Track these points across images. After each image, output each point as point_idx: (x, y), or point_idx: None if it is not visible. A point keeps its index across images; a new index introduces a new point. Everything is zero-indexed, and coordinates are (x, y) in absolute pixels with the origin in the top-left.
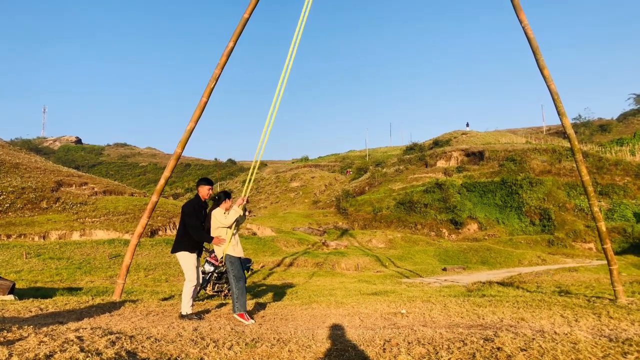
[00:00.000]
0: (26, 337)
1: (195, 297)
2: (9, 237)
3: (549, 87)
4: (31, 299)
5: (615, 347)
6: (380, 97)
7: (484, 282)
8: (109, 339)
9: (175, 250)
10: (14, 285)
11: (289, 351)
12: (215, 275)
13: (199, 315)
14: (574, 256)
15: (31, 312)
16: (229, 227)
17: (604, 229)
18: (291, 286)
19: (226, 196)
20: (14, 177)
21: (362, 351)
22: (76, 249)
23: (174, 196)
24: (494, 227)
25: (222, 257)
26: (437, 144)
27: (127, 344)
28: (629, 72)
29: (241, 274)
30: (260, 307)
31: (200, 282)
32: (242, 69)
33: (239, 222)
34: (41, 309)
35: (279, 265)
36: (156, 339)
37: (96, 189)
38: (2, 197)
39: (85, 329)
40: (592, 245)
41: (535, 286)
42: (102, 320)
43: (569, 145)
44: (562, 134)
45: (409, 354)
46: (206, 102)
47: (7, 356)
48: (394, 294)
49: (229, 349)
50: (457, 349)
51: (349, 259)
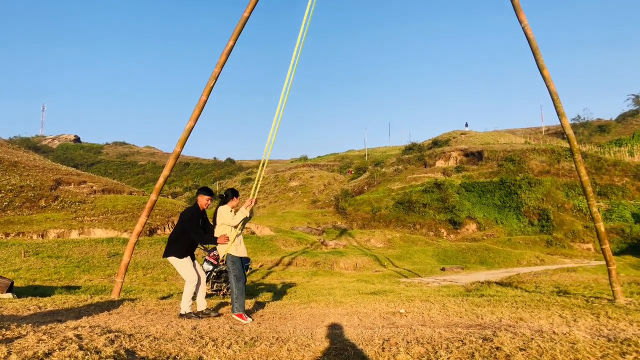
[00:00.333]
0: (25, 335)
1: (197, 292)
2: (7, 235)
3: (548, 87)
4: (30, 297)
5: (613, 347)
6: (379, 97)
7: (482, 282)
8: (108, 337)
9: (167, 254)
10: (13, 283)
11: (288, 350)
12: (214, 274)
13: (198, 314)
14: (572, 256)
15: (30, 310)
16: (234, 227)
17: (602, 229)
18: (290, 285)
19: (234, 194)
20: (12, 175)
21: (361, 350)
22: (75, 248)
23: (172, 195)
24: (492, 227)
25: (223, 256)
26: (436, 144)
27: (126, 343)
28: (628, 73)
29: (242, 274)
30: (259, 306)
31: (200, 279)
32: (243, 69)
33: (244, 222)
34: (40, 308)
35: (277, 264)
36: (155, 338)
37: (95, 188)
38: (0, 195)
39: (84, 327)
40: (590, 245)
41: (533, 286)
42: (100, 318)
43: (568, 145)
44: (561, 134)
45: (408, 353)
46: (205, 101)
47: (6, 354)
48: (393, 294)
49: (228, 348)
50: (456, 348)
51: (348, 258)
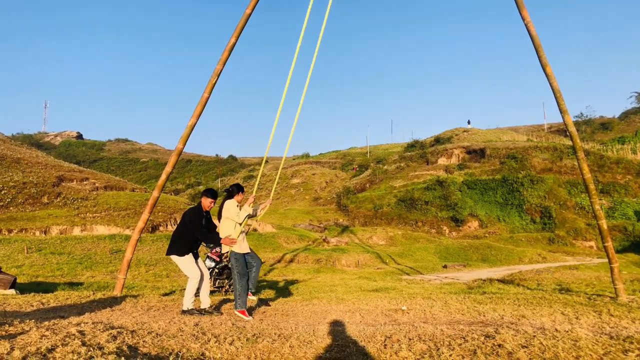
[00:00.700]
0: (28, 331)
1: (200, 289)
2: (10, 231)
3: (551, 84)
4: (32, 294)
5: (616, 344)
6: (382, 95)
7: (484, 280)
8: (111, 333)
9: (169, 252)
10: (16, 279)
11: (290, 347)
12: (216, 270)
13: (201, 311)
14: (574, 254)
15: (33, 306)
16: (239, 224)
17: (605, 227)
18: (292, 282)
19: (239, 189)
20: (15, 172)
21: (363, 347)
22: (77, 244)
23: (175, 192)
24: (494, 224)
25: (226, 253)
26: (438, 141)
27: (129, 339)
28: (631, 70)
29: (245, 271)
30: (261, 303)
31: (203, 276)
32: (245, 69)
33: (250, 217)
34: (43, 304)
35: (279, 261)
36: (157, 334)
37: (97, 185)
38: (3, 192)
39: (86, 323)
40: (592, 243)
41: (535, 284)
42: (103, 315)
43: (570, 143)
44: (563, 131)
45: (410, 350)
46: (208, 98)
47: (9, 350)
48: (395, 291)
49: (230, 344)
50: (458, 345)
51: (350, 255)
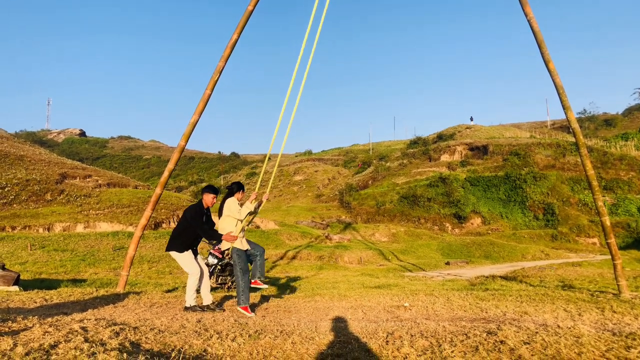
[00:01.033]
0: (31, 328)
1: (201, 285)
2: (13, 228)
3: (554, 80)
4: (36, 290)
5: (618, 341)
6: (384, 92)
7: (487, 276)
8: (113, 329)
9: (168, 248)
10: (19, 276)
11: (292, 343)
12: (219, 267)
13: (203, 307)
14: (577, 251)
15: (36, 303)
16: (240, 220)
17: (608, 223)
18: (294, 279)
19: (239, 188)
20: (18, 169)
21: (365, 343)
22: (80, 241)
23: (177, 189)
24: (497, 221)
25: (227, 250)
26: (441, 138)
27: (131, 335)
28: (634, 66)
29: (247, 268)
30: (263, 299)
31: (202, 272)
32: (245, 68)
33: (251, 215)
34: (46, 300)
35: (282, 258)
36: (160, 330)
37: (100, 182)
38: (7, 189)
39: (89, 319)
40: (595, 240)
41: (538, 280)
42: (106, 311)
43: (573, 139)
44: (566, 128)
45: (412, 347)
46: (210, 95)
47: (12, 346)
48: (397, 287)
49: (233, 341)
50: (460, 342)
51: (352, 252)
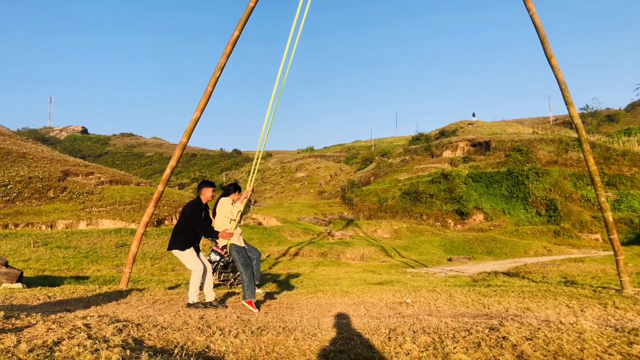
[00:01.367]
0: (34, 324)
1: (204, 282)
2: (16, 226)
3: (556, 76)
4: (39, 287)
5: (621, 337)
6: (386, 88)
7: (489, 272)
8: (116, 326)
9: (170, 247)
10: (22, 273)
11: (294, 339)
12: (221, 264)
13: (206, 304)
14: (580, 247)
15: (39, 300)
16: (234, 219)
17: (610, 219)
18: (296, 275)
19: (235, 189)
20: (21, 166)
21: (367, 340)
22: (83, 238)
23: (179, 186)
24: (499, 217)
25: (225, 248)
26: (443, 134)
27: (134, 332)
28: (637, 62)
29: (249, 262)
30: (266, 296)
31: (205, 269)
32: (246, 65)
33: (242, 214)
34: (49, 297)
35: (284, 254)
36: (163, 327)
37: (102, 179)
38: (9, 186)
39: (92, 316)
40: (598, 235)
41: (541, 276)
42: (109, 308)
43: (576, 135)
44: (569, 124)
45: (414, 343)
46: (211, 91)
47: (16, 343)
48: (399, 284)
49: (235, 337)
50: (463, 338)
51: (354, 248)
